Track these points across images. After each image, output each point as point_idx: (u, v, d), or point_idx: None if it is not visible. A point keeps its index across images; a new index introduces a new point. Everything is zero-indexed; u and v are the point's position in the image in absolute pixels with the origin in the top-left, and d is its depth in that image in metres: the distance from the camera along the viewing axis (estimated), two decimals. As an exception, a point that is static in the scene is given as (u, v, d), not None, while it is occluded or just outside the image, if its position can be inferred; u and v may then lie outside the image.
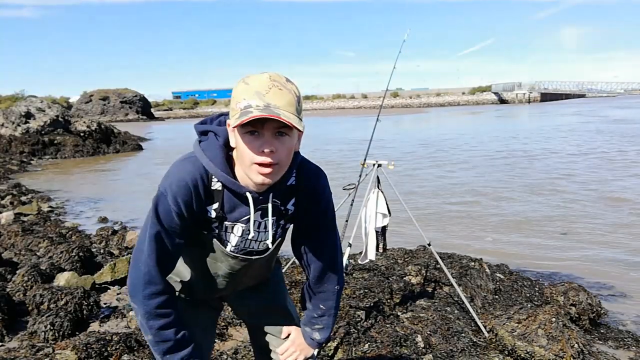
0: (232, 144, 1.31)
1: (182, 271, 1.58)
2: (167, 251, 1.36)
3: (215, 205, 1.37)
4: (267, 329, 1.74)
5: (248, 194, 1.35)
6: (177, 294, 1.59)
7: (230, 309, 1.89)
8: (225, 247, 1.45)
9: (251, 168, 1.25)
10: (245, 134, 1.23)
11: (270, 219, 1.42)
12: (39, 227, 6.85)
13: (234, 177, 1.34)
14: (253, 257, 1.49)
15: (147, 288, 1.35)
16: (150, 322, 1.37)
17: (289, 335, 1.67)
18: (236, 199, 1.37)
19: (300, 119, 1.25)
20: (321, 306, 1.59)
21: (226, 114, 1.39)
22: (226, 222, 1.41)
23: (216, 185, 1.35)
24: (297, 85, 1.28)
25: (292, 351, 1.61)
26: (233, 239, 1.44)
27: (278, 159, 1.25)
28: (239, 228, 1.42)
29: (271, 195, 1.39)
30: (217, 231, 1.42)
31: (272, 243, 1.48)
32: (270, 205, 1.40)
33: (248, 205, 1.37)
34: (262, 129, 1.22)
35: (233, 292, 1.67)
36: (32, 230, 6.53)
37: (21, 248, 5.62)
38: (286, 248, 1.67)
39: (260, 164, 1.23)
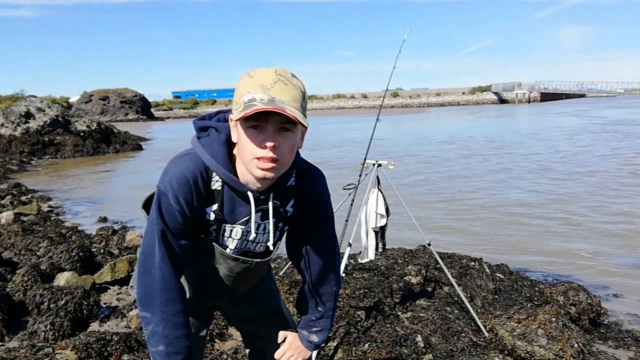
0: (234, 139, 1.28)
1: None
2: (176, 254, 1.31)
3: (215, 207, 1.33)
4: (261, 333, 1.72)
5: (249, 193, 1.31)
6: None
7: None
8: (225, 250, 1.41)
9: (252, 162, 1.22)
10: (248, 128, 1.20)
11: (271, 221, 1.38)
12: (39, 227, 6.84)
13: (235, 174, 1.30)
14: (254, 260, 1.45)
15: (163, 294, 1.30)
16: (167, 331, 1.31)
17: (284, 339, 1.61)
18: (236, 198, 1.34)
19: (305, 115, 1.22)
20: (319, 309, 1.56)
21: (226, 111, 1.36)
22: (225, 225, 1.37)
23: (216, 185, 1.31)
24: (303, 82, 1.25)
25: (290, 355, 1.57)
26: (232, 243, 1.41)
27: (280, 154, 1.21)
28: (238, 231, 1.39)
29: (272, 195, 1.35)
30: (215, 234, 1.38)
31: (273, 245, 1.44)
32: (271, 206, 1.36)
33: (249, 204, 1.33)
34: (265, 123, 1.19)
35: (227, 300, 1.63)
36: (32, 230, 6.53)
37: (21, 248, 5.62)
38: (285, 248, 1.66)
39: (262, 158, 1.20)
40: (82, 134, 20.11)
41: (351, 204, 3.45)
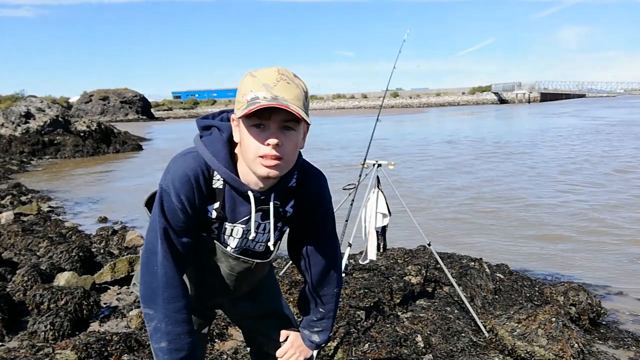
0: (236, 139, 1.29)
1: None
2: (178, 251, 1.32)
3: (216, 205, 1.34)
4: (262, 332, 1.72)
5: (250, 193, 1.32)
6: None
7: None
8: (226, 248, 1.42)
9: (255, 161, 1.22)
10: (251, 126, 1.20)
11: (271, 221, 1.38)
12: (39, 227, 6.85)
13: (237, 174, 1.31)
14: (255, 260, 1.46)
15: (166, 291, 1.31)
16: (170, 328, 1.32)
17: (286, 337, 1.63)
18: (237, 197, 1.34)
19: (307, 115, 1.23)
20: (321, 309, 1.57)
21: (229, 111, 1.37)
22: (226, 224, 1.38)
23: (217, 184, 1.32)
24: (305, 82, 1.26)
25: (292, 353, 1.58)
26: (233, 242, 1.42)
27: (283, 152, 1.22)
28: (239, 230, 1.40)
29: (273, 195, 1.36)
30: (216, 232, 1.39)
31: (273, 245, 1.45)
32: (272, 206, 1.37)
33: (249, 204, 1.34)
34: (268, 120, 1.19)
35: (228, 299, 1.64)
36: (32, 230, 6.53)
37: (21, 248, 5.62)
38: (286, 248, 1.67)
39: (265, 156, 1.20)
40: (82, 134, 20.11)
41: (351, 204, 3.45)
